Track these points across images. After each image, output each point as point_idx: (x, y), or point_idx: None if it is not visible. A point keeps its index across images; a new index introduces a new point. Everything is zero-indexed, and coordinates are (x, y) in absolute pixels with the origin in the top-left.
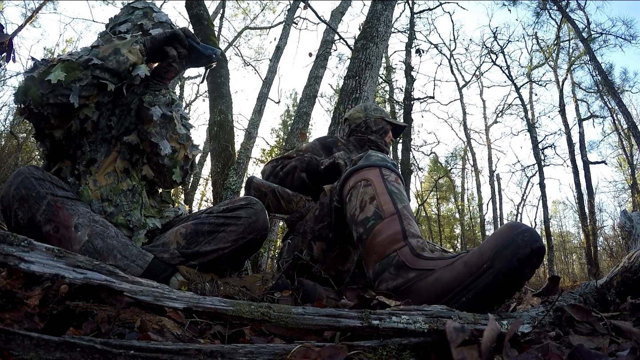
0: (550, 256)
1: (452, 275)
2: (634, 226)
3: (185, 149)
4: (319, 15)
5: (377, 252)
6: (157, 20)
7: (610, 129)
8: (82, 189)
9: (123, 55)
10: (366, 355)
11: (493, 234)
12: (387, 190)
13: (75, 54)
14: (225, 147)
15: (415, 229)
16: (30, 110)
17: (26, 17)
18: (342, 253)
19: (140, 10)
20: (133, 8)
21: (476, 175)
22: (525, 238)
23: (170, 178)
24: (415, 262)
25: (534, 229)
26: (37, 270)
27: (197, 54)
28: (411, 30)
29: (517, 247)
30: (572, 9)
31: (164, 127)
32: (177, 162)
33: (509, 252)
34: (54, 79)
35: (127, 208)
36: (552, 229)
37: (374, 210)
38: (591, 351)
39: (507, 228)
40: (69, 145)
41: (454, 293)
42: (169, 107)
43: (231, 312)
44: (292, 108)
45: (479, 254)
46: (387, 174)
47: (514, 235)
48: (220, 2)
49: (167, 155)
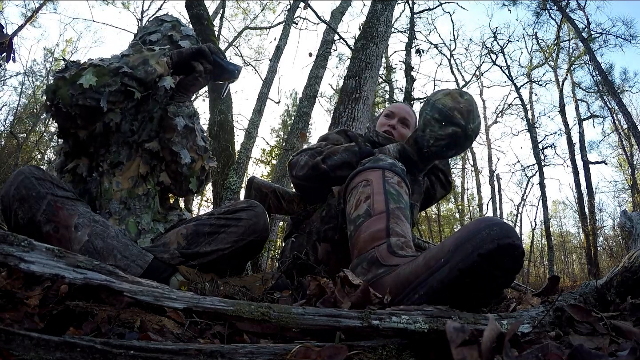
0: (550, 256)
1: (410, 270)
2: (634, 226)
3: (203, 160)
4: (319, 15)
5: (359, 248)
6: (185, 33)
7: (610, 129)
8: (108, 187)
9: (151, 66)
10: (366, 355)
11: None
12: (383, 191)
13: (106, 60)
14: (225, 147)
15: (401, 229)
16: (59, 109)
17: (26, 17)
18: (346, 256)
19: (168, 23)
20: (162, 20)
21: (476, 175)
22: (492, 232)
23: (186, 187)
24: (387, 259)
25: (509, 225)
26: (37, 271)
27: (220, 69)
28: (411, 30)
29: (480, 241)
30: (572, 9)
31: (185, 137)
32: (195, 172)
33: (469, 246)
34: (85, 82)
35: (139, 212)
36: (552, 229)
37: (365, 209)
38: (591, 351)
39: (475, 221)
40: (90, 144)
41: (410, 288)
42: (191, 119)
43: (231, 312)
44: (292, 108)
45: (440, 247)
46: (389, 175)
47: (480, 228)
48: (220, 2)
49: (186, 164)
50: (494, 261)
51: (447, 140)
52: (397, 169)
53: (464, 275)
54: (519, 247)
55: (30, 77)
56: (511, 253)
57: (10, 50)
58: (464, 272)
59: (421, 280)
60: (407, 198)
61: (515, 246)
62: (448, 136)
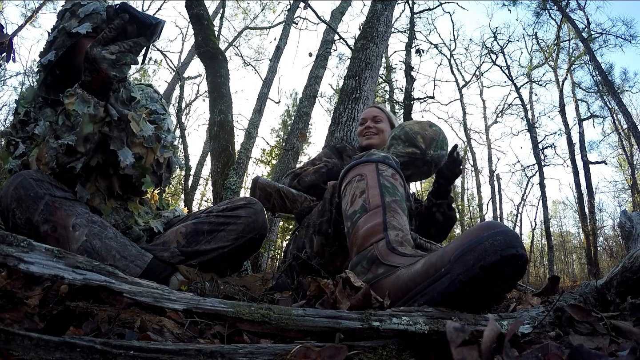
0: (550, 256)
1: (409, 276)
2: (634, 226)
3: (155, 152)
4: (319, 15)
5: (357, 244)
6: (84, 14)
7: (610, 129)
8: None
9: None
10: (366, 356)
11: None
12: (378, 184)
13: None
14: (225, 147)
15: (399, 222)
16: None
17: (26, 17)
18: (340, 249)
19: (69, 10)
20: (63, 11)
21: (476, 175)
22: (495, 242)
23: (141, 187)
24: (387, 257)
25: (513, 232)
26: (37, 271)
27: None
28: (411, 30)
29: (482, 252)
30: (572, 9)
31: (122, 129)
32: (146, 170)
33: (471, 257)
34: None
35: (123, 225)
36: (552, 229)
37: (361, 204)
38: (591, 351)
39: (478, 228)
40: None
41: (409, 296)
42: (128, 104)
43: (231, 313)
44: (292, 108)
45: (441, 255)
46: (383, 168)
47: (482, 237)
48: (220, 2)
49: (128, 165)
50: (497, 272)
51: (406, 159)
52: (390, 161)
53: (464, 287)
54: (523, 257)
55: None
56: (514, 263)
57: (10, 50)
58: (465, 284)
59: (420, 289)
60: (403, 190)
61: (519, 256)
62: (407, 155)
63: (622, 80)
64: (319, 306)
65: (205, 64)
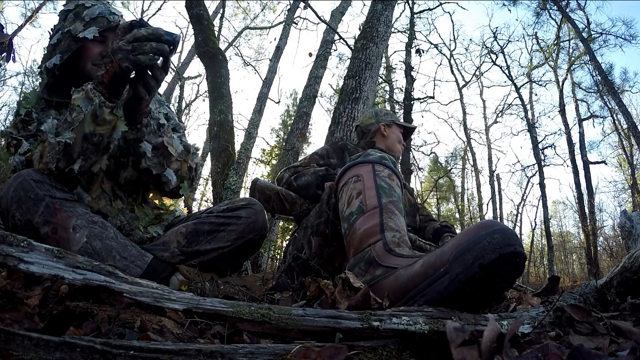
0: (550, 256)
1: (408, 277)
2: (634, 226)
3: (187, 162)
4: (319, 15)
5: (355, 246)
6: (90, 17)
7: (610, 129)
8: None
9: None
10: (366, 356)
11: (461, 232)
12: (375, 185)
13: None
14: (225, 147)
15: (396, 223)
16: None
17: (26, 17)
18: (338, 250)
19: (72, 12)
20: (65, 12)
21: (476, 175)
22: (494, 240)
23: (178, 193)
24: (384, 258)
25: (510, 230)
26: (37, 271)
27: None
28: (411, 30)
29: (481, 251)
30: (572, 9)
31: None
32: (183, 178)
33: (470, 256)
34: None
35: (128, 227)
36: (552, 229)
37: (357, 205)
38: (591, 351)
39: (476, 227)
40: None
41: (408, 297)
42: (157, 132)
43: (231, 313)
44: (292, 108)
45: (439, 255)
46: (379, 169)
47: (480, 236)
48: (220, 2)
49: (174, 182)
50: (496, 271)
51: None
52: (387, 162)
53: (464, 287)
54: (521, 254)
55: (30, 77)
56: (513, 261)
57: (10, 50)
58: (464, 283)
59: (420, 290)
60: (400, 190)
61: (518, 254)
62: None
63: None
64: (318, 306)
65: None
